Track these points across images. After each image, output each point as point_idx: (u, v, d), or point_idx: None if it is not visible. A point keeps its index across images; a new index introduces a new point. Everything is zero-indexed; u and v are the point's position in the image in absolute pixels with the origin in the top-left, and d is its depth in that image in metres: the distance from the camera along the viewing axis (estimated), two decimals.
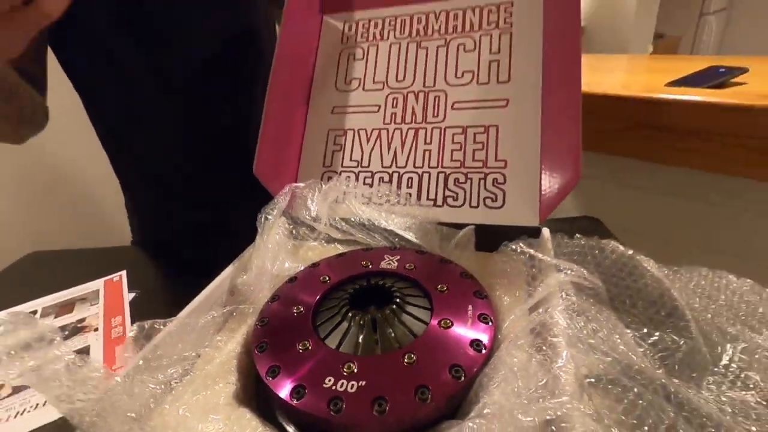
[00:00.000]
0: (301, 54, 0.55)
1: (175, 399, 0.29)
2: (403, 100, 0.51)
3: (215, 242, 0.59)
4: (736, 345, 0.35)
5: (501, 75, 0.48)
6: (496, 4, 0.51)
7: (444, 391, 0.27)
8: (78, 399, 0.25)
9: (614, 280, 0.36)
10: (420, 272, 0.39)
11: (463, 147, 0.47)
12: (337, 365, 0.30)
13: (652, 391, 0.26)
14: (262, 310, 0.37)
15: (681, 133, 0.66)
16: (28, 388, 0.41)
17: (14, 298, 0.56)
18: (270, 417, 0.29)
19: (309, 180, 0.49)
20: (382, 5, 0.56)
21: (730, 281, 0.39)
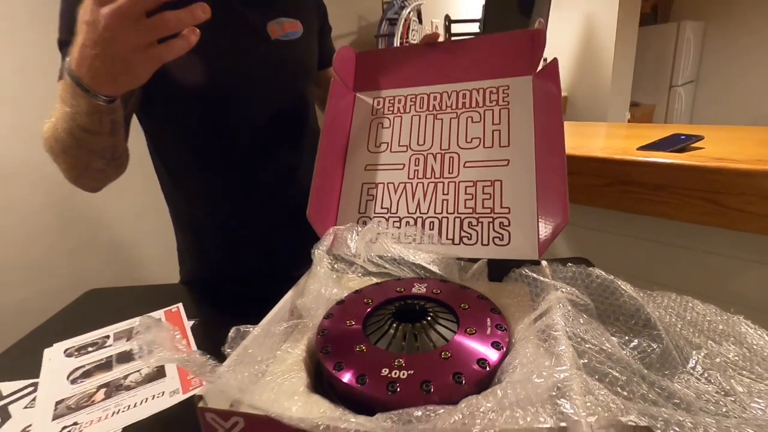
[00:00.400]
0: (340, 123, 0.67)
1: (264, 385, 0.37)
2: (423, 159, 0.62)
3: (259, 279, 0.68)
4: (700, 352, 0.43)
5: (502, 141, 0.59)
6: (496, 87, 0.63)
7: (474, 376, 0.35)
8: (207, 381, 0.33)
9: (600, 298, 0.45)
10: (445, 295, 0.48)
11: (474, 197, 0.57)
12: (389, 360, 0.38)
13: (630, 372, 0.34)
14: (320, 324, 0.46)
15: (650, 188, 0.78)
16: (121, 393, 0.48)
17: (85, 327, 0.63)
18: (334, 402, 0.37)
19: (347, 224, 0.59)
20: (404, 86, 0.69)
21: (696, 304, 0.47)
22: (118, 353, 0.56)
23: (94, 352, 0.57)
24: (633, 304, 0.44)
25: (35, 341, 0.62)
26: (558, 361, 0.32)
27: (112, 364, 0.54)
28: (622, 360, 0.35)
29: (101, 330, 0.62)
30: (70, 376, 0.52)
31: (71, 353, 0.57)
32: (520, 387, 0.30)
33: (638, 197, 0.81)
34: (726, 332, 0.46)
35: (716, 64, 4.30)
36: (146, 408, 0.46)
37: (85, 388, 0.49)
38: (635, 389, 0.33)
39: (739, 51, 4.15)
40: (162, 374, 0.51)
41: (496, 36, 0.64)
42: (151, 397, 0.47)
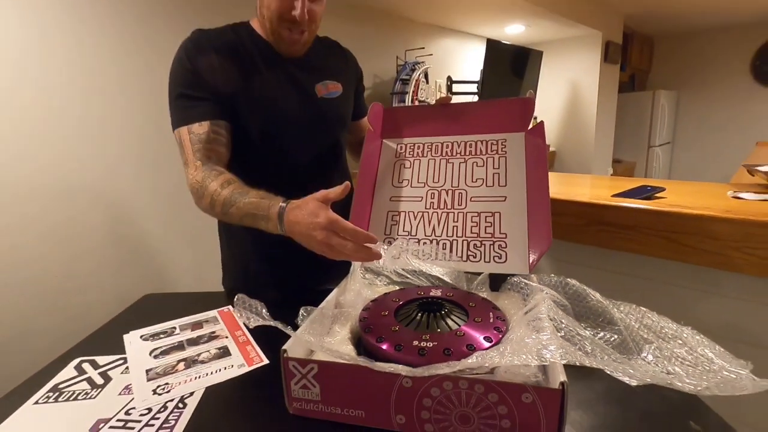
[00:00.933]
0: (370, 163, 0.81)
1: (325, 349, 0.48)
2: (438, 194, 0.76)
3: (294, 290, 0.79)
4: (651, 345, 0.55)
5: (501, 182, 0.74)
6: (496, 140, 0.79)
7: (482, 347, 0.47)
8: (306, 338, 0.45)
9: (574, 302, 0.57)
10: (456, 296, 0.60)
11: (479, 225, 0.71)
12: (418, 336, 0.50)
13: (593, 344, 0.46)
14: (361, 314, 0.57)
15: (622, 228, 0.92)
16: (197, 366, 0.59)
17: (149, 322, 0.74)
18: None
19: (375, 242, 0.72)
20: (422, 135, 0.84)
21: (652, 314, 0.59)
22: (186, 339, 0.67)
23: (165, 338, 0.67)
24: (600, 307, 0.57)
25: (111, 330, 0.73)
26: (542, 331, 0.44)
27: (184, 346, 0.64)
28: (588, 337, 0.47)
29: (167, 323, 0.73)
30: (152, 353, 0.62)
31: (147, 338, 0.67)
32: (515, 344, 0.42)
33: (612, 235, 0.94)
34: (674, 335, 0.58)
35: (690, 128, 4.62)
36: (220, 375, 0.56)
37: (167, 362, 0.60)
38: (596, 353, 0.45)
39: (709, 117, 4.48)
40: (227, 353, 0.62)
41: (497, 101, 0.80)
42: (223, 368, 0.58)
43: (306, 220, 0.61)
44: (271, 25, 0.80)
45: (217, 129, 0.78)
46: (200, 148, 0.76)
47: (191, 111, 0.77)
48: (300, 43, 0.82)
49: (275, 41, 0.82)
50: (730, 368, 0.51)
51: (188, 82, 0.77)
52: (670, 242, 0.85)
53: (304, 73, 0.87)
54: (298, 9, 0.76)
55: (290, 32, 0.80)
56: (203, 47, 0.78)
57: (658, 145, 4.30)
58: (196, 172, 0.75)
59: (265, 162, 0.85)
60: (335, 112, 0.91)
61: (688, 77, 4.54)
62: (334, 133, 0.92)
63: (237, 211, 0.70)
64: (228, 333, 0.68)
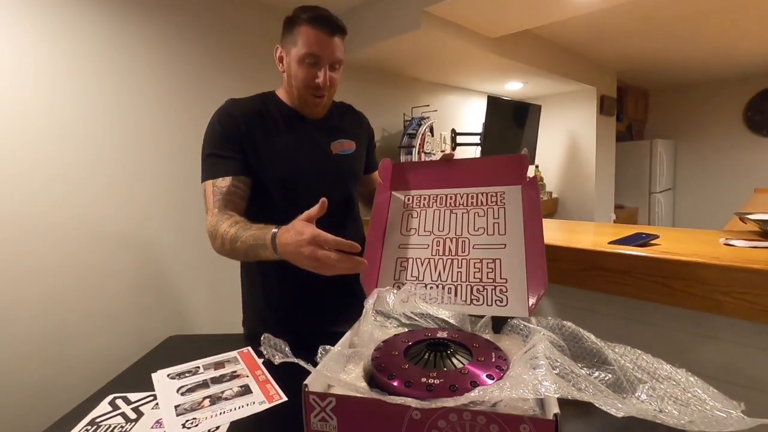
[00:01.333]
0: (381, 213, 0.88)
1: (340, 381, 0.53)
2: (443, 242, 0.82)
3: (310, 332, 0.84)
4: (645, 385, 0.59)
5: (500, 230, 0.80)
6: (495, 192, 0.85)
7: (484, 384, 0.51)
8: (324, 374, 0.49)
9: (570, 343, 0.61)
10: (461, 338, 0.64)
11: (481, 270, 0.76)
12: (426, 374, 0.54)
13: (587, 381, 0.50)
14: (373, 353, 0.62)
15: (618, 273, 0.96)
16: (221, 402, 0.62)
17: (174, 362, 0.78)
18: None
19: (385, 287, 0.77)
20: (428, 188, 0.91)
21: (647, 356, 0.62)
22: (210, 377, 0.71)
23: (190, 377, 0.71)
24: (594, 347, 0.61)
25: (140, 369, 0.77)
26: (538, 368, 0.49)
27: (208, 384, 0.68)
28: (582, 375, 0.51)
29: (192, 362, 0.77)
30: (179, 391, 0.66)
31: (173, 377, 0.72)
32: (514, 380, 0.46)
33: (609, 280, 0.98)
34: (668, 376, 0.61)
35: (689, 176, 4.70)
36: (243, 411, 0.60)
37: (193, 399, 0.64)
38: (589, 389, 0.48)
39: (707, 165, 4.57)
40: (249, 391, 0.65)
41: (495, 157, 0.88)
42: (246, 404, 0.61)
43: (293, 239, 0.69)
44: (297, 92, 0.92)
45: (237, 183, 0.88)
46: (220, 198, 0.86)
47: (218, 167, 0.88)
48: (321, 105, 0.95)
49: (300, 105, 0.94)
50: (722, 408, 0.53)
51: (218, 143, 0.88)
52: (663, 287, 0.89)
53: (322, 132, 0.97)
54: (321, 77, 0.89)
55: (314, 97, 0.92)
56: (234, 114, 0.90)
57: (659, 191, 4.37)
58: (213, 217, 0.85)
59: (285, 212, 0.93)
60: (349, 168, 1.01)
61: (684, 127, 4.69)
62: (347, 185, 1.01)
63: (242, 245, 0.78)
64: (248, 372, 0.72)
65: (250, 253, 0.78)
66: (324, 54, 0.89)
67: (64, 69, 1.48)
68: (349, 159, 1.01)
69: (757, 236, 1.10)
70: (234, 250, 0.80)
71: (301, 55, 0.88)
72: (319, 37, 0.87)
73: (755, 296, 0.81)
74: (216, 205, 0.86)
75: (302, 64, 0.89)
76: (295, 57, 0.90)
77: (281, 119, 0.94)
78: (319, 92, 0.92)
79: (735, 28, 2.67)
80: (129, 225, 1.64)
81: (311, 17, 0.87)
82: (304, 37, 0.88)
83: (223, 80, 1.87)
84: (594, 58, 3.34)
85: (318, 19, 0.87)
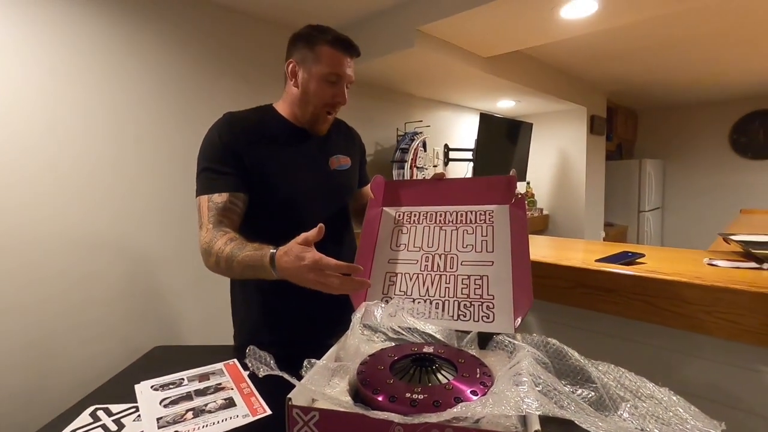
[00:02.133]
0: (371, 228, 0.89)
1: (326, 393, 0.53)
2: (431, 258, 0.83)
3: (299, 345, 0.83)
4: (627, 404, 0.59)
5: (488, 248, 0.81)
6: (483, 210, 0.87)
7: (468, 400, 0.52)
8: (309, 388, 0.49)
9: (554, 360, 0.62)
10: (447, 353, 0.65)
11: (468, 286, 0.77)
12: (411, 388, 0.54)
13: (568, 398, 0.50)
14: (358, 367, 0.62)
15: (604, 290, 0.97)
16: (205, 415, 0.62)
17: (158, 373, 0.78)
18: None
19: (374, 301, 0.77)
20: (418, 204, 0.92)
21: (630, 374, 0.63)
22: (194, 389, 0.70)
23: (174, 389, 0.70)
24: (578, 365, 0.61)
25: (123, 380, 0.76)
26: (521, 385, 0.49)
27: (192, 396, 0.68)
28: (565, 392, 0.52)
29: (176, 374, 0.76)
30: (162, 403, 0.65)
31: (157, 388, 0.71)
32: (497, 396, 0.47)
33: (595, 298, 1.00)
34: (650, 395, 0.62)
35: (677, 195, 4.78)
36: (226, 424, 0.59)
37: (176, 411, 0.63)
38: (571, 407, 0.49)
39: (694, 185, 4.66)
40: (233, 404, 0.65)
41: (484, 178, 0.90)
42: (229, 417, 0.61)
43: (294, 264, 0.70)
44: (314, 109, 0.94)
45: (234, 200, 0.88)
46: (215, 214, 0.85)
47: (215, 183, 0.88)
48: (329, 121, 0.98)
49: (310, 121, 0.96)
50: (703, 427, 0.54)
51: (216, 158, 0.88)
52: (648, 305, 0.90)
53: (321, 148, 1.00)
54: (341, 96, 0.94)
55: (326, 114, 0.96)
56: (234, 128, 0.90)
57: (647, 210, 4.43)
58: (207, 234, 0.84)
59: (284, 227, 0.93)
60: (346, 183, 1.03)
61: (672, 147, 4.79)
62: (344, 200, 1.02)
63: (238, 266, 0.78)
64: (233, 385, 0.72)
65: (247, 273, 0.78)
66: (344, 74, 0.93)
67: (60, 75, 1.49)
68: (346, 174, 1.03)
69: (740, 257, 1.13)
70: (231, 270, 0.80)
71: (325, 74, 0.91)
72: (342, 57, 0.92)
73: (737, 316, 0.82)
74: (211, 221, 0.85)
75: (324, 82, 0.92)
76: (317, 75, 0.92)
77: (281, 134, 0.95)
78: (332, 109, 0.96)
79: (722, 53, 2.76)
80: (118, 235, 1.63)
81: (335, 38, 0.92)
82: (329, 58, 0.91)
83: (221, 91, 1.88)
84: (584, 78, 3.41)
85: (341, 41, 0.92)
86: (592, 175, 3.72)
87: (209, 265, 0.83)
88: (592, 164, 3.73)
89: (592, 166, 3.73)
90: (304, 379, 0.53)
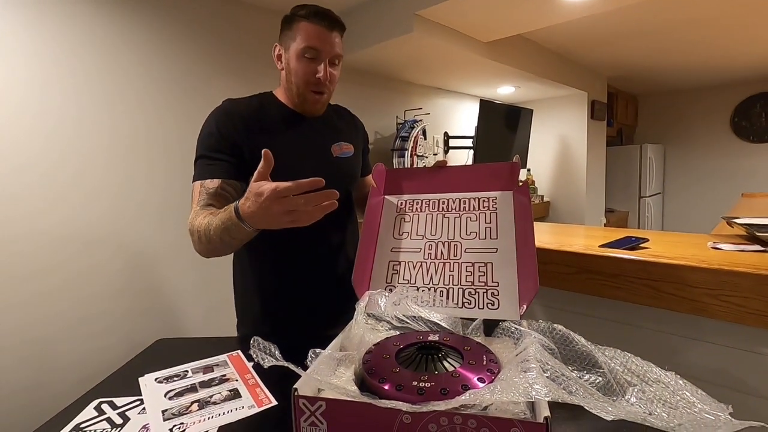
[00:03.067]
0: (373, 217, 0.88)
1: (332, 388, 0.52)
2: (435, 246, 0.82)
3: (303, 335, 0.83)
4: (635, 388, 0.59)
5: (492, 235, 0.80)
6: (487, 197, 0.86)
7: (475, 387, 0.51)
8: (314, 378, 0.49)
9: (561, 346, 0.61)
10: (453, 341, 0.64)
11: (473, 274, 0.76)
12: (417, 377, 0.54)
13: (577, 384, 0.50)
14: (364, 357, 0.61)
15: (608, 276, 0.97)
16: (210, 407, 0.62)
17: (162, 366, 0.77)
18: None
19: (377, 289, 0.77)
20: (420, 192, 0.91)
21: (637, 359, 0.63)
22: (199, 381, 0.70)
23: (179, 381, 0.70)
24: (585, 351, 0.61)
25: (127, 373, 0.76)
26: (529, 371, 0.49)
27: (196, 388, 0.67)
28: (573, 378, 0.51)
29: (180, 366, 0.76)
30: (167, 395, 0.65)
31: (161, 381, 0.70)
32: (504, 383, 0.46)
33: (599, 283, 0.99)
34: (657, 379, 0.61)
35: (678, 180, 4.76)
36: (232, 415, 0.59)
37: (181, 403, 0.63)
38: (579, 392, 0.49)
39: (695, 170, 4.64)
40: (238, 395, 0.65)
41: (488, 165, 0.88)
42: (234, 409, 0.61)
43: (255, 205, 0.64)
44: (298, 89, 0.91)
45: (225, 186, 0.86)
46: (204, 198, 0.84)
47: (209, 169, 0.86)
48: (321, 102, 0.94)
49: (300, 103, 0.93)
50: (711, 411, 0.54)
51: (212, 146, 0.87)
52: (652, 290, 0.90)
53: (322, 134, 0.98)
54: (321, 72, 0.89)
55: (314, 93, 0.92)
56: (232, 115, 0.89)
57: (648, 195, 4.42)
58: (192, 215, 0.83)
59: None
60: (349, 170, 1.02)
61: (673, 132, 4.76)
62: (347, 188, 1.01)
63: (215, 234, 0.75)
64: (238, 376, 0.71)
65: (225, 237, 0.74)
66: (323, 48, 0.88)
67: (54, 69, 1.46)
68: (349, 162, 1.01)
69: (744, 240, 1.12)
70: (210, 241, 0.76)
71: (301, 49, 0.88)
72: (319, 30, 0.88)
73: (742, 299, 0.82)
74: (199, 204, 0.84)
75: (302, 58, 0.89)
76: (294, 52, 0.89)
77: (281, 120, 0.93)
78: (319, 88, 0.91)
79: (722, 36, 2.72)
80: (119, 229, 1.62)
81: (310, 12, 0.88)
82: (303, 32, 0.87)
83: (219, 82, 1.86)
84: (585, 63, 3.37)
85: (317, 13, 0.88)
86: (592, 161, 3.70)
87: (195, 246, 0.81)
88: (593, 150, 3.71)
89: (593, 151, 3.71)
90: (309, 369, 0.53)
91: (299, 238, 0.76)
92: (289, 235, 0.76)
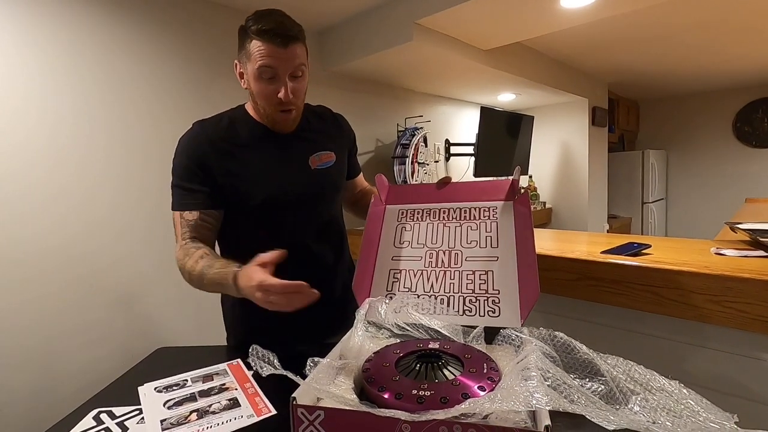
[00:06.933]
0: (374, 226, 0.88)
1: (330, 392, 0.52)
2: (436, 254, 0.82)
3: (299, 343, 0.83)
4: (638, 397, 0.58)
5: (493, 243, 0.80)
6: (487, 207, 0.86)
7: (476, 395, 0.51)
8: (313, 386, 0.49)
9: (562, 354, 0.61)
10: (453, 349, 0.64)
11: (474, 282, 0.76)
12: (417, 385, 0.53)
13: (578, 392, 0.50)
14: (363, 365, 0.61)
15: (609, 282, 0.96)
16: (209, 416, 0.61)
17: (161, 375, 0.77)
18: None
19: (377, 297, 0.77)
20: (421, 202, 0.91)
21: (639, 367, 0.62)
22: (198, 390, 0.70)
23: (178, 390, 0.70)
24: (587, 358, 0.60)
25: (126, 382, 0.76)
26: (530, 380, 0.48)
27: (196, 397, 0.67)
28: (574, 386, 0.51)
29: (180, 375, 0.76)
30: (166, 404, 0.65)
31: (160, 390, 0.70)
32: (505, 391, 0.46)
33: (601, 290, 0.99)
34: (660, 388, 0.61)
35: (681, 185, 4.76)
36: (231, 425, 0.59)
37: (180, 413, 0.62)
38: (581, 401, 0.48)
39: (698, 175, 4.63)
40: (237, 404, 0.64)
41: (490, 181, 0.88)
42: (234, 418, 0.60)
43: (246, 284, 0.72)
44: (264, 111, 0.90)
45: (205, 217, 0.88)
46: (188, 231, 0.87)
47: (185, 199, 0.88)
48: (290, 119, 0.92)
49: (270, 122, 0.92)
50: (716, 419, 0.53)
51: (185, 176, 0.88)
52: (655, 296, 0.89)
53: (298, 147, 0.95)
54: (282, 92, 0.85)
55: (281, 113, 0.89)
56: (201, 141, 0.89)
57: (651, 201, 4.41)
58: (180, 251, 0.86)
59: (267, 233, 0.93)
60: (330, 182, 1.00)
61: (675, 137, 4.76)
62: (330, 200, 1.00)
63: (209, 283, 0.81)
64: (237, 385, 0.71)
65: (218, 289, 0.82)
66: (280, 66, 0.83)
67: (49, 72, 1.48)
68: (330, 172, 0.98)
69: (747, 245, 1.12)
70: (202, 287, 0.83)
71: (256, 70, 0.83)
72: (271, 49, 0.82)
73: (746, 305, 0.81)
74: (184, 237, 0.86)
75: (260, 80, 0.84)
76: (251, 73, 0.85)
77: (252, 138, 0.91)
78: (284, 107, 0.87)
79: (724, 41, 2.74)
80: (117, 235, 1.63)
81: (260, 30, 0.81)
82: (257, 52, 0.82)
83: (220, 85, 1.87)
84: (585, 69, 3.39)
85: (267, 31, 0.81)
86: (594, 168, 3.70)
87: (185, 279, 0.85)
88: (595, 156, 3.71)
89: (595, 158, 3.71)
90: (308, 377, 0.53)
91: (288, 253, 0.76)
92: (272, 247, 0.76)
